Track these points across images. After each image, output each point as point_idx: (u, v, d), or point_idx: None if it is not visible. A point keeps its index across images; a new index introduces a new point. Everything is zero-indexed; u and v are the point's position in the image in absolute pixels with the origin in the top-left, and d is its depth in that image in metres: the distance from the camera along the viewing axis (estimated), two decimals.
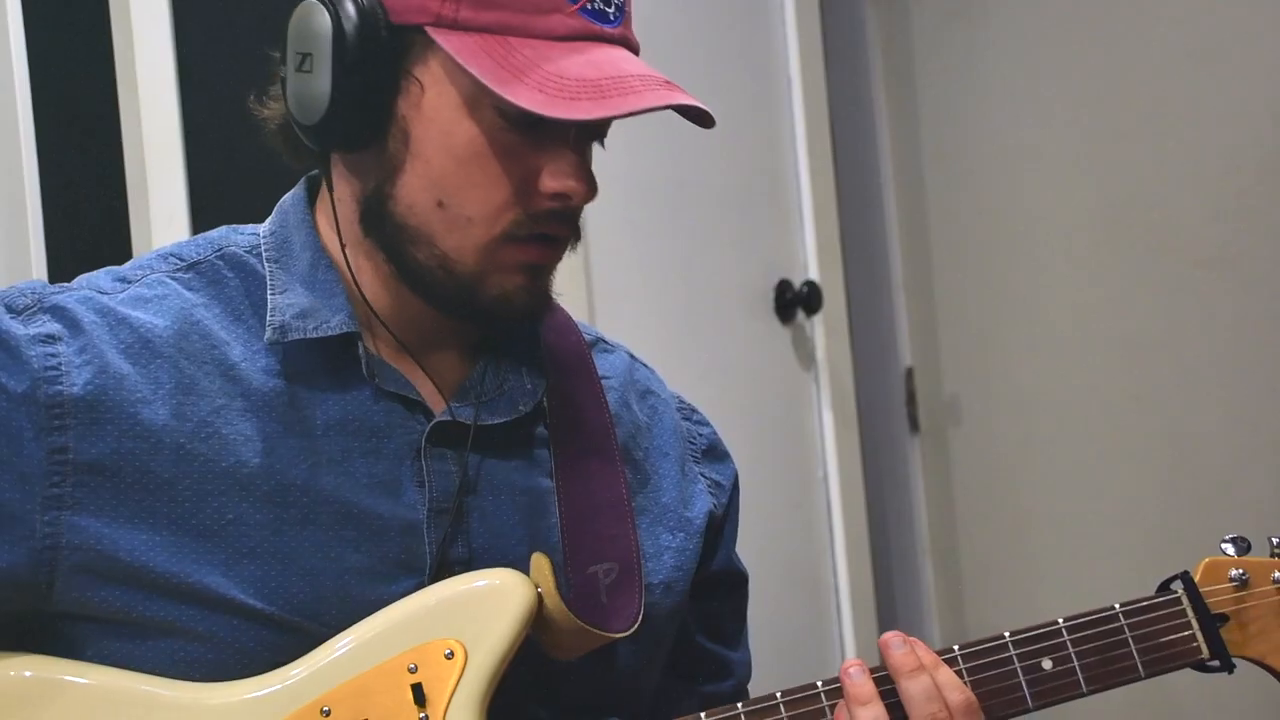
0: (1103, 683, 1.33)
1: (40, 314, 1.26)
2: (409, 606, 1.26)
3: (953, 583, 3.46)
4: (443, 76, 1.26)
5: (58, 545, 1.21)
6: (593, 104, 1.21)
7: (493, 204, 1.26)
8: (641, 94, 1.23)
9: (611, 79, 1.23)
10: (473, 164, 1.25)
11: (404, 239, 1.28)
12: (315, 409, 1.29)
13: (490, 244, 1.27)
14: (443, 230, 1.27)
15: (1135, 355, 3.06)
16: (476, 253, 1.27)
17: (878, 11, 3.53)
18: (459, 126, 1.26)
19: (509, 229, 1.27)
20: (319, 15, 1.25)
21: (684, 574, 1.43)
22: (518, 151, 1.26)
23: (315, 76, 1.26)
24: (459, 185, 1.26)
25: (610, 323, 2.68)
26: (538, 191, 1.27)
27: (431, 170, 1.26)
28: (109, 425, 1.23)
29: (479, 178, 1.26)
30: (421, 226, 1.27)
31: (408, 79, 1.26)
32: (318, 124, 1.27)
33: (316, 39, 1.26)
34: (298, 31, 1.28)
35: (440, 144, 1.26)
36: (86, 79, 2.22)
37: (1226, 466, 2.93)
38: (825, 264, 3.21)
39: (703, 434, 1.53)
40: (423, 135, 1.26)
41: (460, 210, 1.26)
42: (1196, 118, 2.95)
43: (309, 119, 1.27)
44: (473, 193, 1.26)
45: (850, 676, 1.29)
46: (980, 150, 3.33)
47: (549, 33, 1.24)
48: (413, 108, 1.26)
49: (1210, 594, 1.35)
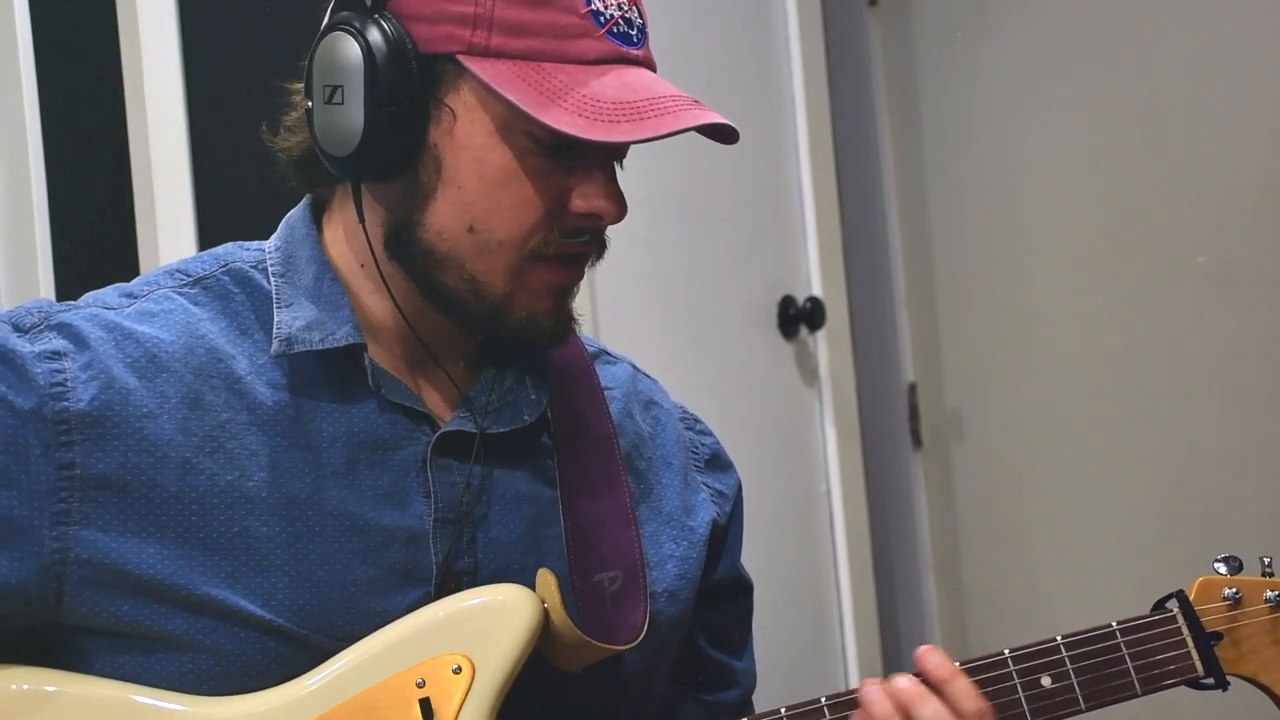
0: (1100, 700, 1.34)
1: (46, 331, 1.27)
2: (416, 621, 1.26)
3: (955, 597, 3.46)
4: (475, 104, 1.26)
5: (66, 560, 1.22)
6: (632, 126, 1.23)
7: (524, 227, 1.27)
8: (677, 115, 1.25)
9: (647, 100, 1.25)
10: (506, 189, 1.26)
11: (432, 264, 1.29)
12: (321, 422, 1.30)
13: (518, 264, 1.28)
14: (472, 255, 1.27)
15: (1137, 371, 3.07)
16: (505, 274, 1.28)
17: (881, 27, 3.53)
18: (492, 153, 1.26)
19: (536, 248, 1.28)
20: (348, 47, 1.25)
21: (688, 582, 1.44)
22: (548, 174, 1.27)
23: (347, 109, 1.25)
24: (491, 210, 1.26)
25: (615, 337, 2.68)
26: (568, 212, 1.28)
27: (464, 196, 1.27)
28: (116, 440, 1.24)
29: (510, 201, 1.26)
30: (451, 251, 1.28)
31: (439, 108, 1.26)
32: (350, 156, 1.26)
33: (346, 71, 1.25)
34: (325, 63, 1.27)
35: (473, 170, 1.26)
36: (94, 96, 2.22)
37: (1227, 481, 2.93)
38: (828, 280, 3.21)
39: (705, 444, 1.54)
40: (455, 162, 1.27)
41: (491, 235, 1.27)
42: (1198, 133, 2.95)
43: (341, 151, 1.27)
44: (504, 216, 1.26)
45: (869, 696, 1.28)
46: (983, 166, 3.33)
47: (580, 57, 1.25)
48: (444, 135, 1.27)
49: (1204, 612, 1.36)
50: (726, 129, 1.28)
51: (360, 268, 1.34)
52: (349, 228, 1.34)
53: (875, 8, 3.53)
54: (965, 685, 1.29)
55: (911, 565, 3.52)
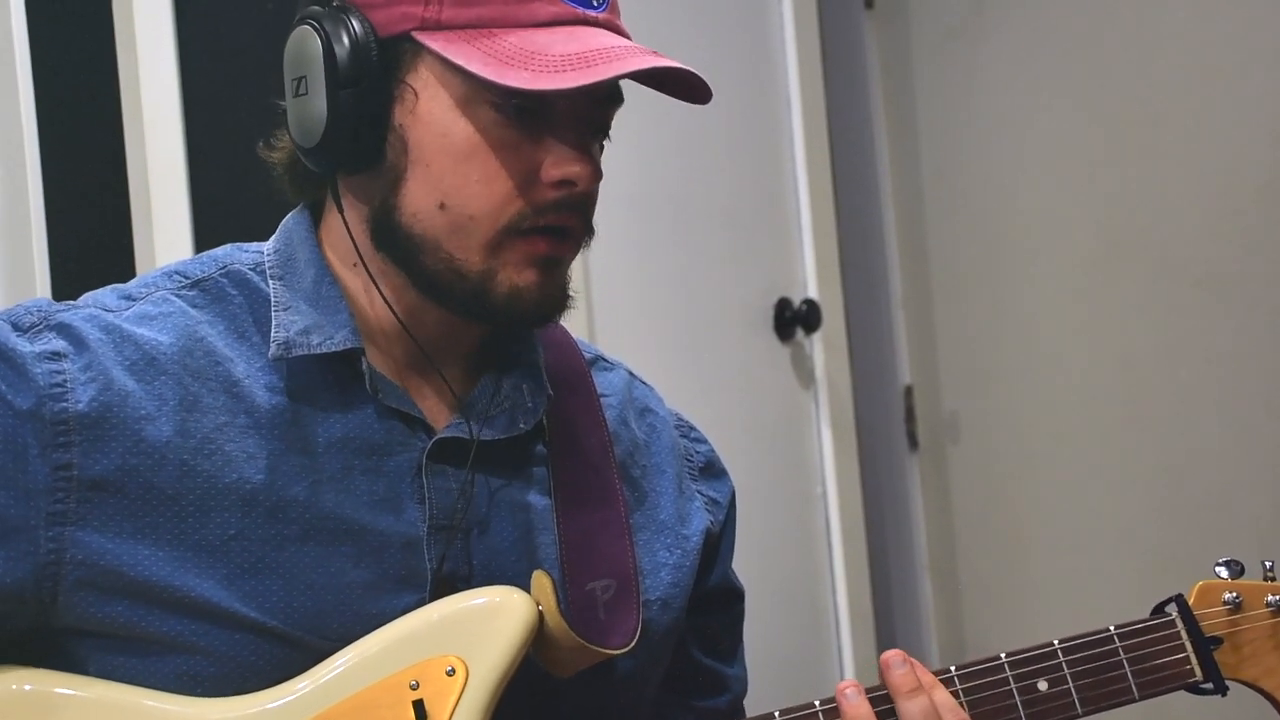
0: (1097, 704, 1.34)
1: (46, 331, 1.27)
2: (411, 623, 1.26)
3: (951, 599, 3.47)
4: (433, 80, 1.27)
5: (61, 561, 1.22)
6: (578, 74, 1.22)
7: (494, 199, 1.26)
8: (625, 60, 1.24)
9: (596, 51, 1.24)
10: (471, 161, 1.26)
11: (413, 249, 1.29)
12: (317, 426, 1.30)
13: (494, 239, 1.27)
14: (447, 232, 1.27)
15: (1133, 374, 3.07)
16: (481, 250, 1.27)
17: (877, 29, 3.54)
18: (455, 126, 1.26)
19: (512, 222, 1.27)
20: (310, 39, 1.28)
21: (681, 590, 1.44)
22: (517, 146, 1.27)
23: (311, 97, 1.27)
24: (459, 184, 1.26)
25: (610, 340, 2.69)
26: (541, 183, 1.27)
27: (432, 174, 1.27)
28: (113, 442, 1.24)
29: (478, 174, 1.26)
30: (427, 232, 1.28)
31: (402, 88, 1.27)
32: (319, 144, 1.28)
33: (310, 62, 1.27)
34: (292, 58, 1.30)
35: (438, 146, 1.27)
36: (91, 101, 2.23)
37: (1223, 484, 2.93)
38: (824, 282, 3.22)
39: (700, 451, 1.54)
40: (420, 140, 1.27)
41: (463, 209, 1.26)
42: (1194, 137, 2.96)
43: (310, 140, 1.29)
44: (473, 190, 1.26)
45: (846, 697, 1.30)
46: (979, 169, 3.34)
47: (531, 19, 1.25)
48: (408, 114, 1.27)
49: (1204, 617, 1.36)
50: (695, 84, 1.27)
51: (354, 266, 1.34)
52: (341, 229, 1.35)
53: (871, 10, 3.54)
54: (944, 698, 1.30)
55: (907, 567, 3.52)
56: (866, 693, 1.30)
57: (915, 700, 1.29)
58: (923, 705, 1.29)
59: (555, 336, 1.47)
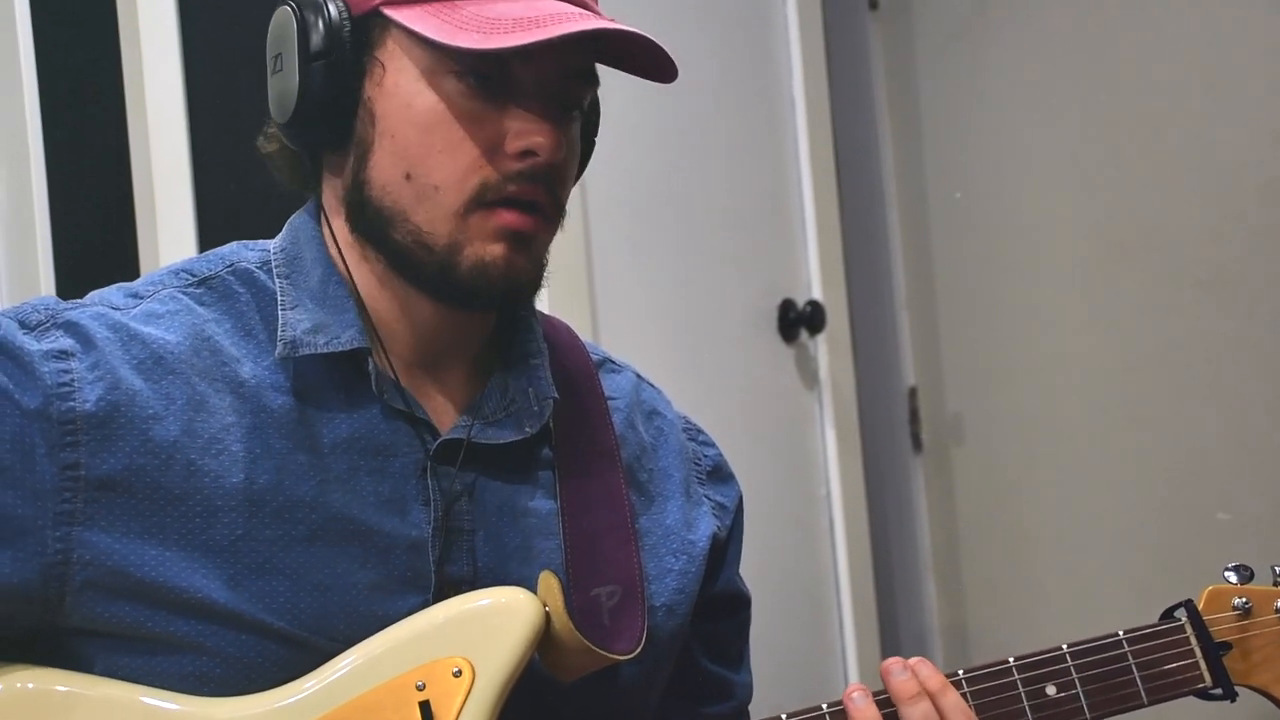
0: (1106, 709, 1.34)
1: (53, 329, 1.26)
2: (417, 624, 1.26)
3: (955, 601, 3.46)
4: (399, 52, 1.29)
5: (69, 560, 1.21)
6: (526, 34, 1.23)
7: (458, 169, 1.27)
8: (576, 20, 1.24)
9: (548, 14, 1.25)
10: (435, 131, 1.27)
11: (382, 222, 1.29)
12: (324, 426, 1.30)
13: (460, 210, 1.27)
14: (413, 203, 1.28)
15: (1137, 375, 3.07)
16: (448, 221, 1.27)
17: (882, 30, 3.53)
18: (419, 97, 1.28)
19: (477, 193, 1.27)
20: (287, 18, 1.31)
21: (687, 596, 1.44)
22: (482, 117, 1.27)
23: (286, 74, 1.31)
24: (423, 154, 1.27)
25: (614, 341, 2.68)
26: (504, 153, 1.28)
27: (397, 144, 1.28)
28: (121, 441, 1.23)
29: (442, 144, 1.27)
30: (395, 204, 1.28)
31: (372, 63, 1.30)
32: (291, 119, 1.31)
33: (285, 39, 1.31)
34: (271, 38, 1.34)
35: (403, 117, 1.28)
36: (96, 101, 2.23)
37: (1227, 485, 2.93)
38: (829, 283, 3.21)
39: (708, 455, 1.54)
40: (386, 112, 1.29)
41: (427, 179, 1.27)
42: (1197, 139, 2.95)
43: (284, 115, 1.31)
44: (437, 159, 1.27)
45: (853, 701, 1.29)
46: (983, 169, 3.33)
47: None
48: (376, 88, 1.29)
49: (1213, 622, 1.36)
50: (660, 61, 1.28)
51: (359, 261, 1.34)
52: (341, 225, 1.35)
53: (876, 11, 3.54)
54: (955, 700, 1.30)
55: (911, 569, 3.52)
56: (874, 697, 1.30)
57: (917, 707, 1.29)
58: (924, 710, 1.29)
59: (562, 338, 1.47)
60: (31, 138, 2.16)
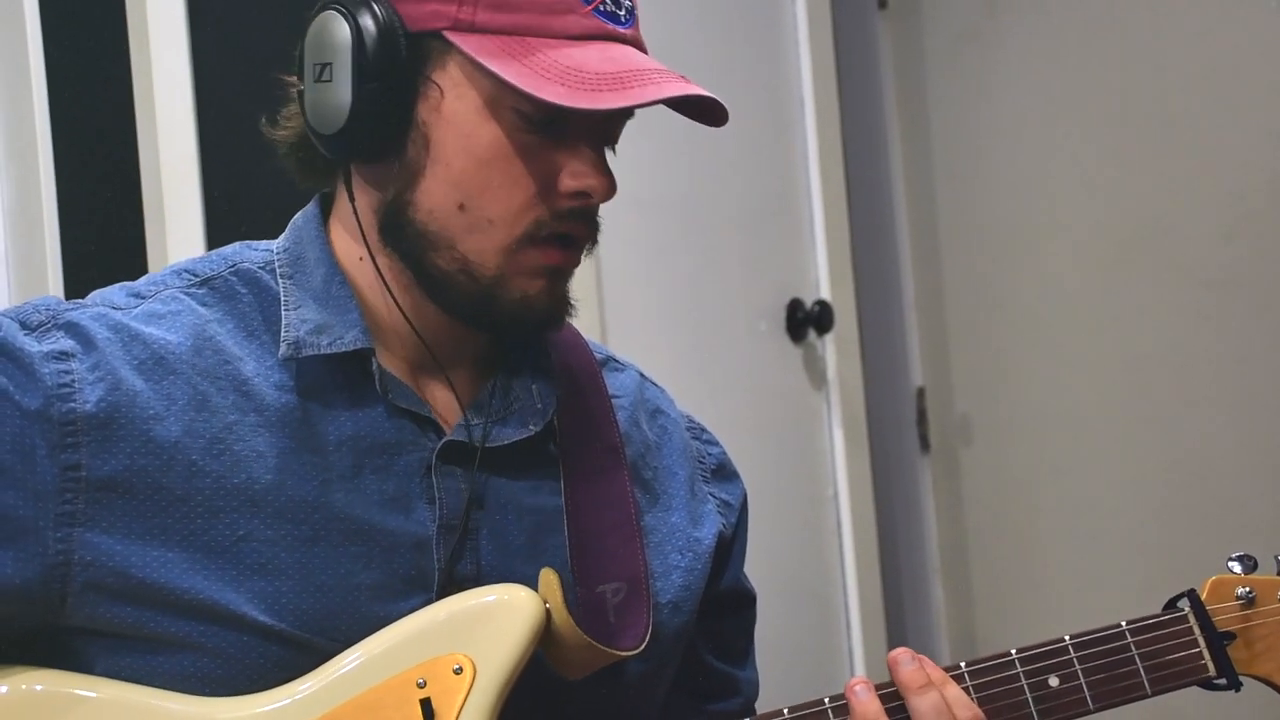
0: (1109, 700, 1.33)
1: (54, 330, 1.26)
2: (418, 621, 1.26)
3: (962, 602, 3.46)
4: (462, 80, 1.27)
5: (70, 561, 1.21)
6: (614, 94, 1.23)
7: (514, 205, 1.27)
8: (660, 85, 1.24)
9: (630, 72, 1.24)
10: (494, 165, 1.26)
11: (425, 245, 1.28)
12: (327, 425, 1.30)
13: (511, 245, 1.27)
14: (463, 233, 1.27)
15: (1145, 375, 3.06)
16: (498, 255, 1.27)
17: (891, 31, 3.53)
18: (480, 129, 1.26)
19: (530, 229, 1.27)
20: (338, 25, 1.27)
21: (692, 594, 1.43)
22: (537, 152, 1.27)
23: (335, 85, 1.27)
24: (480, 187, 1.26)
25: (622, 341, 2.68)
26: (557, 191, 1.28)
27: (452, 173, 1.27)
28: (122, 442, 1.23)
29: (500, 179, 1.26)
30: (442, 231, 1.28)
31: (427, 85, 1.27)
32: (338, 133, 1.27)
33: (336, 49, 1.27)
34: (316, 42, 1.29)
35: (461, 147, 1.27)
36: (104, 100, 2.23)
37: (1236, 486, 2.92)
38: (837, 283, 3.21)
39: (712, 453, 1.53)
40: (443, 139, 1.27)
41: (482, 212, 1.27)
42: (1207, 139, 2.95)
43: (329, 128, 1.28)
44: (494, 194, 1.26)
45: (856, 694, 1.29)
46: (992, 171, 3.33)
47: (564, 32, 1.26)
48: (432, 112, 1.27)
49: (1217, 612, 1.35)
50: (714, 108, 1.28)
51: (360, 260, 1.34)
52: (349, 224, 1.34)
53: (885, 11, 3.53)
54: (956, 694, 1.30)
55: (919, 569, 3.51)
56: (876, 690, 1.30)
57: (926, 696, 1.28)
58: (933, 701, 1.28)
59: (566, 337, 1.46)
60: (40, 135, 2.15)
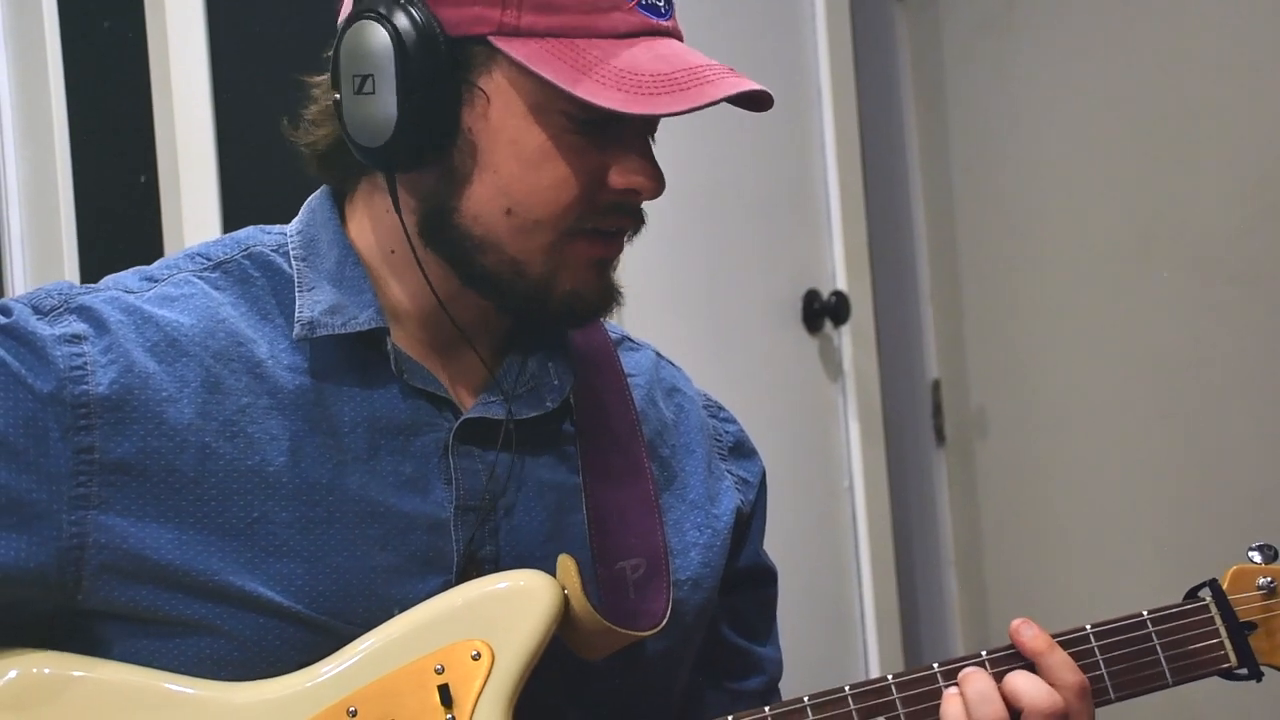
0: (1130, 690, 1.32)
1: (66, 314, 1.26)
2: (436, 607, 1.25)
3: (977, 595, 3.45)
4: (507, 85, 1.25)
5: (84, 544, 1.21)
6: (672, 98, 1.22)
7: (561, 206, 1.26)
8: (716, 84, 1.23)
9: (684, 71, 1.24)
10: (542, 169, 1.25)
11: (471, 248, 1.27)
12: (342, 406, 1.29)
13: (556, 242, 1.27)
14: (510, 237, 1.26)
15: (1163, 369, 3.05)
16: (544, 253, 1.27)
17: (909, 22, 3.52)
18: (528, 134, 1.25)
19: (574, 225, 1.27)
20: (376, 35, 1.23)
21: (712, 570, 1.43)
22: (585, 153, 1.26)
23: (378, 99, 1.24)
24: (529, 191, 1.25)
25: (637, 331, 2.65)
26: (606, 188, 1.27)
27: (500, 180, 1.26)
28: (135, 424, 1.23)
29: (548, 182, 1.25)
30: (489, 234, 1.27)
31: (471, 91, 1.25)
32: (384, 146, 1.25)
33: (376, 59, 1.23)
34: (354, 53, 1.25)
35: (509, 153, 1.25)
36: (120, 82, 2.23)
37: (1254, 481, 2.91)
38: (853, 274, 3.20)
39: (729, 431, 1.53)
40: (490, 146, 1.25)
41: (529, 215, 1.26)
42: (1227, 132, 2.94)
43: (374, 141, 1.25)
44: (542, 197, 1.25)
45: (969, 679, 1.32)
46: (1009, 162, 3.32)
47: (611, 31, 1.24)
48: (479, 119, 1.25)
49: (1238, 602, 1.35)
50: (762, 95, 1.27)
51: (391, 254, 1.33)
52: (376, 215, 1.33)
53: (903, 3, 3.52)
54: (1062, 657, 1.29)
55: (933, 562, 3.51)
56: None
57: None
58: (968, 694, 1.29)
59: None
60: (56, 119, 2.16)
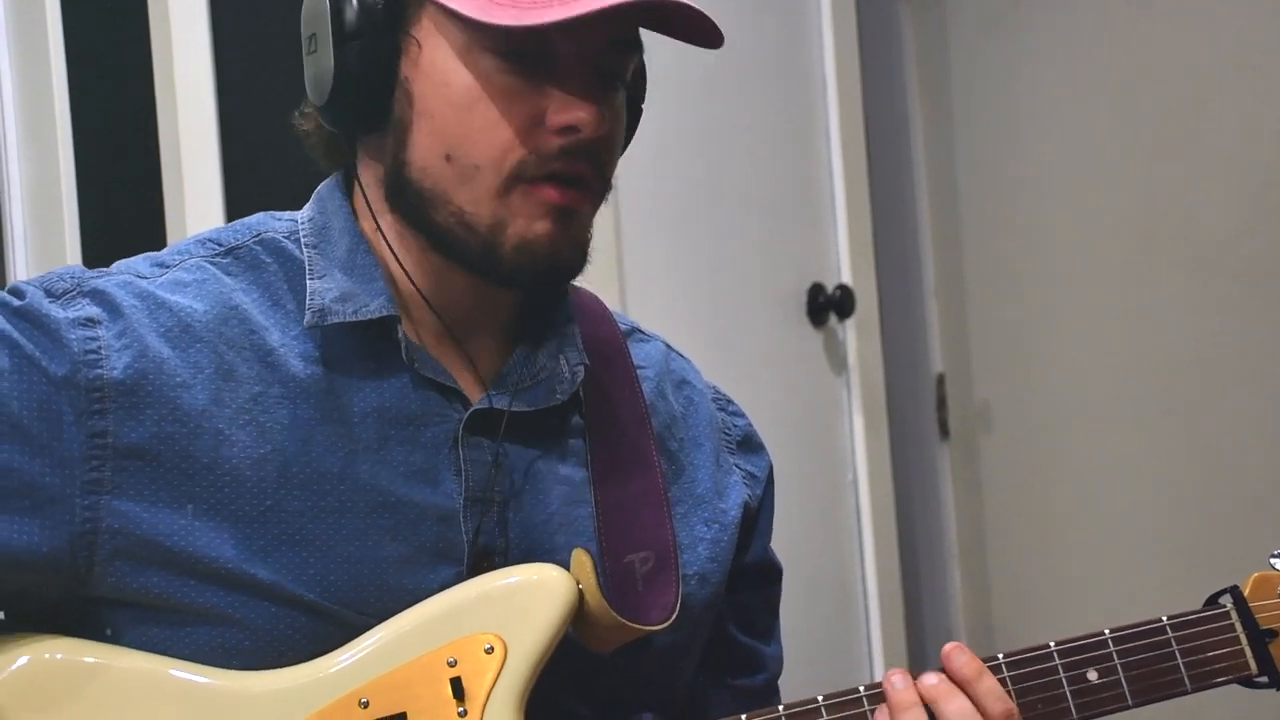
0: (1148, 696, 1.31)
1: (80, 298, 1.25)
2: (449, 600, 1.25)
3: (981, 589, 3.45)
4: (434, 30, 1.27)
5: (97, 529, 1.20)
6: (562, 8, 1.20)
7: (498, 147, 1.25)
8: None
9: None
10: (474, 110, 1.25)
11: (423, 204, 1.28)
12: (353, 395, 1.29)
13: (500, 188, 1.25)
14: (455, 184, 1.26)
15: (1167, 365, 3.05)
16: (490, 201, 1.26)
17: (914, 17, 3.52)
18: (455, 75, 1.26)
19: (516, 170, 1.25)
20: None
21: (719, 565, 1.42)
22: (520, 93, 1.25)
23: (320, 55, 1.28)
24: (463, 133, 1.25)
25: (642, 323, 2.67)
26: (546, 130, 1.25)
27: (436, 124, 1.26)
28: (149, 409, 1.22)
29: (480, 122, 1.25)
30: (435, 186, 1.27)
31: (407, 41, 1.27)
32: (329, 101, 1.28)
33: (319, 19, 1.28)
34: (306, 16, 1.31)
35: (440, 96, 1.26)
36: (123, 72, 2.22)
37: (1257, 476, 2.91)
38: (858, 268, 3.20)
39: (738, 425, 1.52)
40: (423, 92, 1.27)
41: (467, 159, 1.25)
42: (1232, 130, 2.94)
43: (321, 98, 1.29)
44: (476, 138, 1.25)
45: (893, 685, 1.27)
46: (1014, 157, 3.32)
47: None
48: (412, 67, 1.27)
49: (1259, 609, 1.34)
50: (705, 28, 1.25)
51: (375, 233, 1.33)
52: (370, 195, 1.34)
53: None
54: (992, 685, 1.26)
55: (937, 556, 3.51)
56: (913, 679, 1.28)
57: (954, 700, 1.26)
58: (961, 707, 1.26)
59: (591, 308, 1.46)
60: (59, 108, 2.15)
